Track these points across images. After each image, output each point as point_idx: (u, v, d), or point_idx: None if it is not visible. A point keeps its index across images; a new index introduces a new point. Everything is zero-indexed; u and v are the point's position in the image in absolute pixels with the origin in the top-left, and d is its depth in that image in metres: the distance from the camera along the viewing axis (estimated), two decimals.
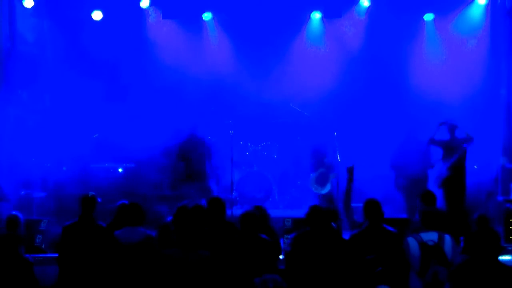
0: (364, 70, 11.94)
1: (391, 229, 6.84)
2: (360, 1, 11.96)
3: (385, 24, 11.86)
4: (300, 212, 8.12)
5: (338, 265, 6.35)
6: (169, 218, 7.53)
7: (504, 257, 7.54)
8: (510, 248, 8.79)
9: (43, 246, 9.38)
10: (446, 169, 10.01)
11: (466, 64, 11.60)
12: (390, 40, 11.83)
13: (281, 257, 7.39)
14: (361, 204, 9.84)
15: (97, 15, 12.14)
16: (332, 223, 6.90)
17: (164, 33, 12.41)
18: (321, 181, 10.79)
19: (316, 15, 12.34)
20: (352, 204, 10.41)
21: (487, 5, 11.74)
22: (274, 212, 8.44)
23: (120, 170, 11.68)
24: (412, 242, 6.40)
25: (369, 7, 12.00)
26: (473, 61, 11.58)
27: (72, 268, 6.92)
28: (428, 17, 12.18)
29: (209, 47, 12.50)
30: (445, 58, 11.91)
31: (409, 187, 10.33)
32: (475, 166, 10.03)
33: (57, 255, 7.26)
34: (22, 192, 10.63)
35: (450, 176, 9.98)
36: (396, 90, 12.01)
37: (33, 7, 11.52)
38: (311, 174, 10.88)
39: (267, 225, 7.33)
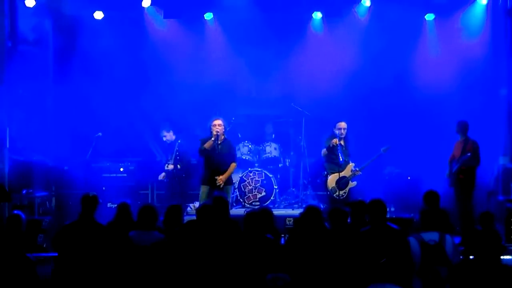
0: (365, 70, 11.93)
1: (394, 226, 6.84)
2: (361, 1, 11.96)
3: (386, 24, 11.87)
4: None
5: (332, 264, 6.35)
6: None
7: (505, 257, 7.55)
8: (511, 248, 8.82)
9: (44, 246, 9.41)
10: (455, 170, 10.00)
11: (466, 64, 11.61)
12: (391, 40, 11.83)
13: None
14: None
15: (98, 15, 12.15)
16: (326, 224, 6.86)
17: (165, 32, 12.42)
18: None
19: (318, 15, 12.35)
20: None
21: (487, 5, 11.76)
22: (274, 212, 8.40)
23: (121, 169, 11.70)
24: (413, 241, 6.41)
25: (370, 6, 12.01)
26: (474, 61, 11.59)
27: (69, 268, 6.92)
28: (429, 17, 12.19)
29: (211, 46, 12.50)
30: (445, 58, 11.92)
31: None
32: None
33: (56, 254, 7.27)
34: (24, 192, 10.63)
35: (459, 177, 9.98)
36: (397, 89, 12.03)
37: (34, 6, 11.51)
38: None
39: (272, 226, 7.34)
